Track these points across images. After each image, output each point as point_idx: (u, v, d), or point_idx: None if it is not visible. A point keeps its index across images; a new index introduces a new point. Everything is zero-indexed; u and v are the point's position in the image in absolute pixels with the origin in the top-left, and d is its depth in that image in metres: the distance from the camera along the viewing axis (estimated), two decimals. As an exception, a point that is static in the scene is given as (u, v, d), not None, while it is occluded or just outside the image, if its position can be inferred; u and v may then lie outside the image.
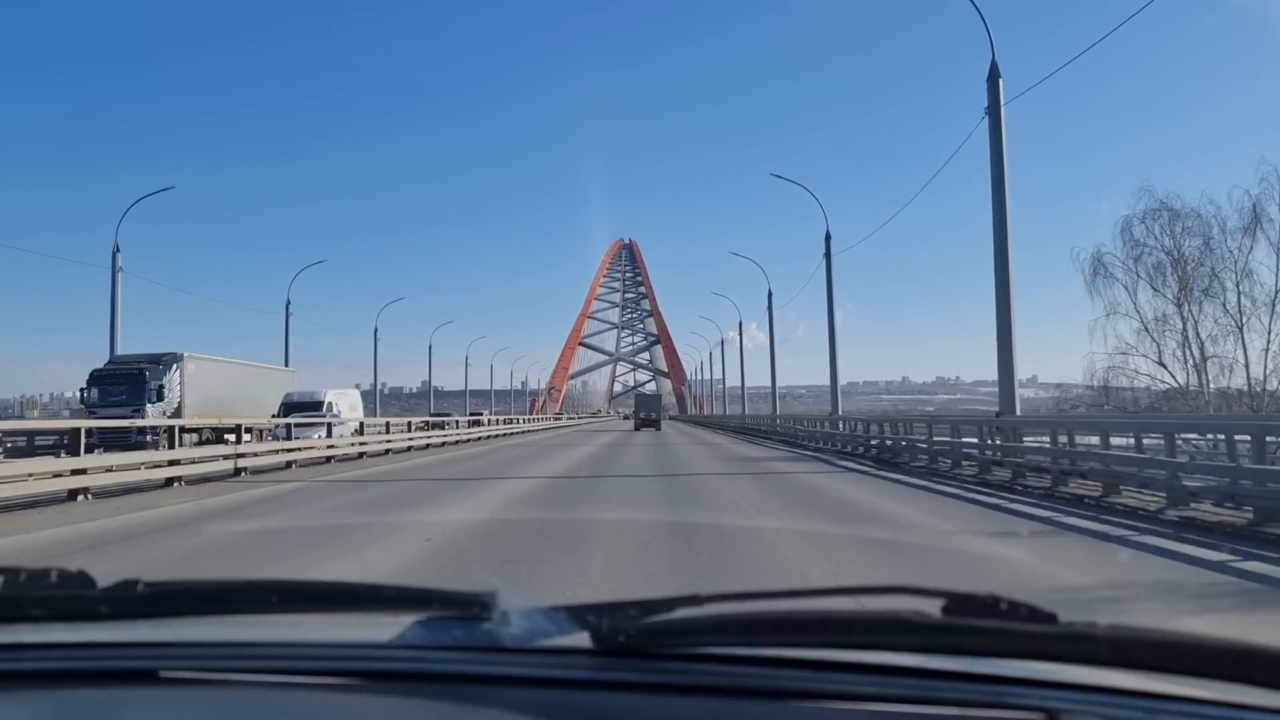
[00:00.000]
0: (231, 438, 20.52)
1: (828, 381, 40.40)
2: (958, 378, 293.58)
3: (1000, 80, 20.24)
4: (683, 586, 6.62)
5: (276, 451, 20.72)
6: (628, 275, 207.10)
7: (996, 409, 20.77)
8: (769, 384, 57.14)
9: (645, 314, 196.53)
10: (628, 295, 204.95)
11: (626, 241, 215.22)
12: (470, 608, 1.29)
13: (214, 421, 24.48)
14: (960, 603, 1.19)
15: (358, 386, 52.18)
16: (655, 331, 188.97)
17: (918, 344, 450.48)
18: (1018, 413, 19.97)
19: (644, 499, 14.56)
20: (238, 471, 18.73)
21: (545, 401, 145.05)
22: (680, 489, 16.58)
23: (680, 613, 1.25)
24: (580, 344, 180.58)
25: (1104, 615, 1.15)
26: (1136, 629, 1.11)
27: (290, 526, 11.72)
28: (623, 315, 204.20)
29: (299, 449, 21.45)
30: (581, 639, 1.23)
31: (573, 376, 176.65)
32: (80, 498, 13.78)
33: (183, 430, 20.45)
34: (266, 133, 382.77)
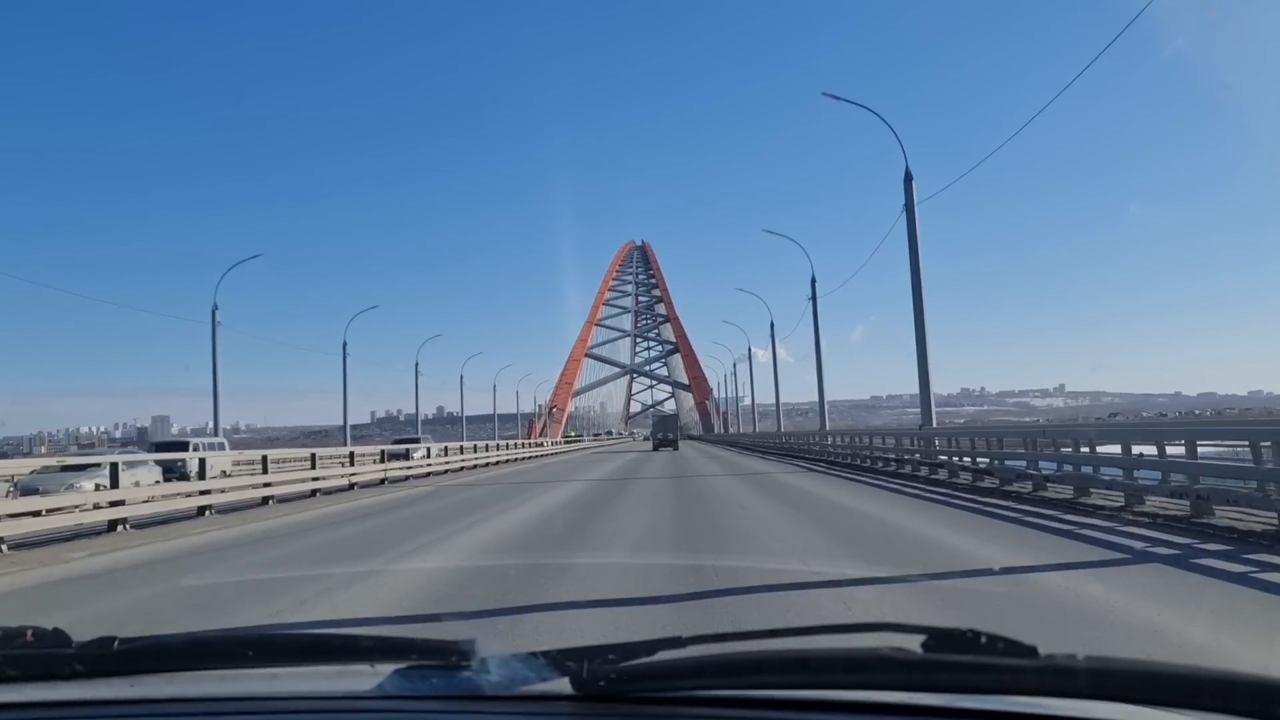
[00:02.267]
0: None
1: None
2: (983, 388, 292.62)
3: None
4: None
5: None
6: (640, 279, 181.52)
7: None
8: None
9: (661, 319, 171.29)
10: (641, 300, 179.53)
11: (639, 244, 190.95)
12: (449, 656, 1.32)
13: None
14: (940, 639, 1.21)
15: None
16: (673, 339, 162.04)
17: (939, 355, 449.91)
18: None
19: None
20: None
21: (546, 423, 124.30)
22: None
23: (661, 655, 1.27)
24: (587, 355, 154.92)
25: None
26: (1114, 660, 1.13)
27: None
28: (637, 323, 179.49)
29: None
30: (562, 685, 1.25)
31: (578, 393, 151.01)
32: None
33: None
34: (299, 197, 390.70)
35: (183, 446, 29.13)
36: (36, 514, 14.03)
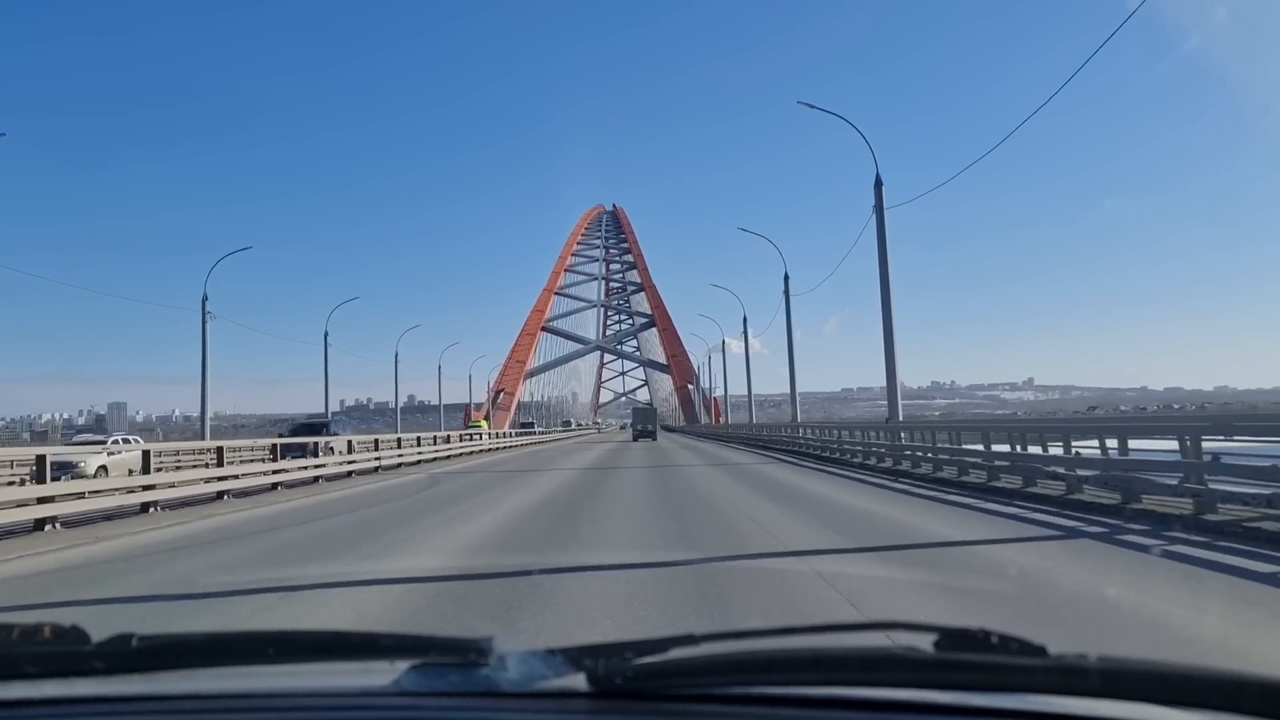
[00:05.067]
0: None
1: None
2: (953, 382, 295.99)
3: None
4: None
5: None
6: (611, 245, 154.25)
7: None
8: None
9: (635, 288, 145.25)
10: (612, 267, 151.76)
11: (609, 208, 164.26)
12: (467, 653, 1.35)
13: None
14: (952, 638, 1.26)
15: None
16: (649, 311, 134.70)
17: (910, 349, 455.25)
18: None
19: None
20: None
21: (490, 412, 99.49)
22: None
23: (676, 653, 1.31)
24: (544, 329, 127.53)
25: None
26: (1125, 660, 1.19)
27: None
28: (608, 295, 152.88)
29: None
30: (578, 682, 1.29)
31: (533, 374, 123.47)
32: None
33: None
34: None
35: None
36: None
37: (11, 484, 21.40)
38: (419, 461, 32.97)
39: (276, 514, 15.79)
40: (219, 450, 21.52)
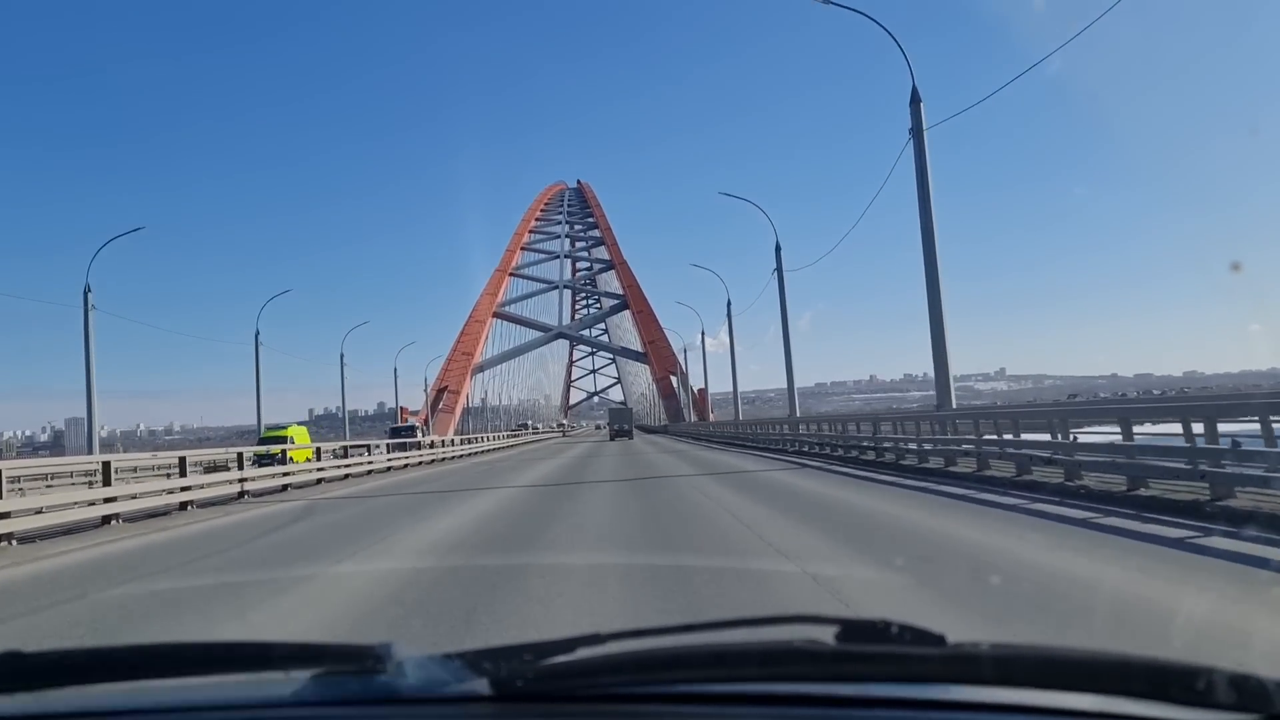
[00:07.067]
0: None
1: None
2: (925, 374, 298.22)
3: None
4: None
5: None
6: (576, 222, 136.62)
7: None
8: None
9: (604, 266, 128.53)
10: (578, 244, 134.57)
11: (573, 185, 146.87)
12: (364, 660, 1.34)
13: None
14: (852, 630, 1.27)
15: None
16: (620, 291, 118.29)
17: (882, 342, 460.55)
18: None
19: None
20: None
21: (429, 417, 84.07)
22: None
23: (580, 653, 1.32)
24: (496, 315, 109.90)
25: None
26: (1017, 647, 1.22)
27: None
28: (574, 276, 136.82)
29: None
30: (480, 686, 1.28)
31: (482, 368, 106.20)
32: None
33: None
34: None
35: None
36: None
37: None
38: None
39: None
40: None
